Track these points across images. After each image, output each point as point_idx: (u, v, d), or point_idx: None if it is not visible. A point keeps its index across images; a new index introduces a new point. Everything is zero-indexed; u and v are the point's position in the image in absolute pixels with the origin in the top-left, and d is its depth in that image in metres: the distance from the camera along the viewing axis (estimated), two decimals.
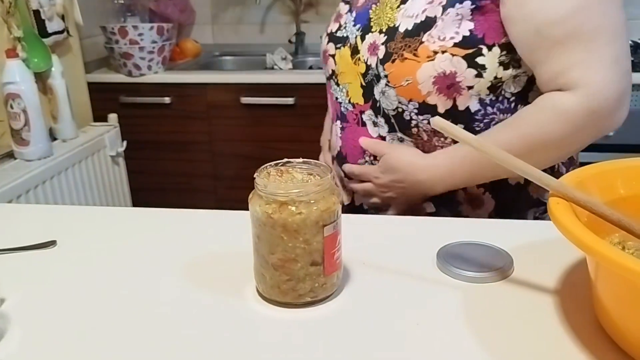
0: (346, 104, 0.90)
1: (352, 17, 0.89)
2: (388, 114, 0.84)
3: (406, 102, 0.81)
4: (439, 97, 0.79)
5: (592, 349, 0.51)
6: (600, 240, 0.45)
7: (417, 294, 0.61)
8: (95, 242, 0.74)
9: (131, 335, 0.55)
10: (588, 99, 0.71)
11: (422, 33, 0.77)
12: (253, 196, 0.58)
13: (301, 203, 0.55)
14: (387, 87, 0.82)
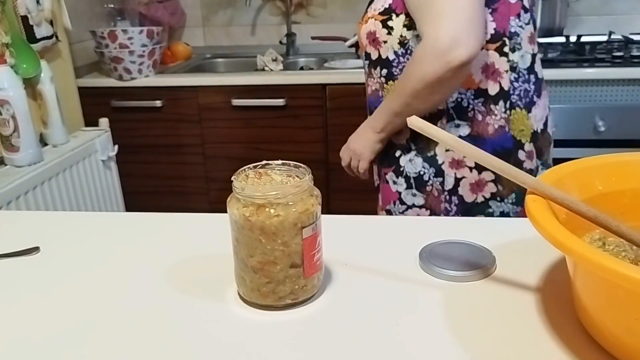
0: None
1: None
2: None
3: (362, 53, 1.15)
4: (370, 48, 1.09)
5: (572, 347, 0.51)
6: (576, 238, 0.45)
7: (399, 294, 0.61)
8: (79, 248, 0.74)
9: (113, 340, 0.55)
10: (431, 43, 0.93)
11: (368, 7, 1.09)
12: (231, 199, 0.58)
13: (279, 205, 0.55)
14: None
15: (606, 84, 1.84)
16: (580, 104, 1.87)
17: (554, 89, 1.86)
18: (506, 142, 1.04)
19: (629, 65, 1.84)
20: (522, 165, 1.06)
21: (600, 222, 0.51)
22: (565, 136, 1.88)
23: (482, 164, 0.54)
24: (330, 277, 0.64)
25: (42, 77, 1.68)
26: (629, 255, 0.55)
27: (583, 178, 0.58)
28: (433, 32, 0.93)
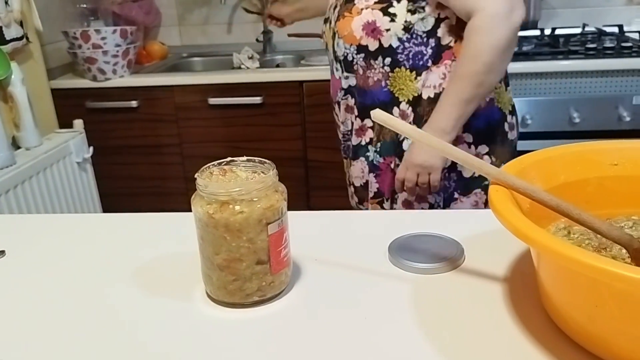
0: None
1: None
2: (340, 59, 1.18)
3: (349, 46, 1.14)
4: (368, 39, 1.10)
5: (538, 336, 0.51)
6: (536, 227, 0.45)
7: (368, 288, 0.60)
8: (46, 251, 0.73)
9: (80, 342, 0.54)
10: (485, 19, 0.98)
11: (347, 2, 1.12)
12: (195, 197, 0.57)
13: (243, 202, 0.54)
14: (338, 39, 1.15)
15: (580, 75, 1.86)
16: (555, 96, 1.88)
17: (530, 81, 1.88)
18: (383, 96, 1.14)
19: (602, 57, 1.86)
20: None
21: (562, 210, 0.51)
22: (541, 128, 1.90)
23: (446, 156, 0.54)
24: (299, 273, 0.64)
25: (13, 79, 1.65)
26: (592, 243, 0.55)
27: (547, 168, 0.59)
28: (491, 2, 0.97)
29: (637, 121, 1.85)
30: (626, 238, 0.51)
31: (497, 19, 0.97)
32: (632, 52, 1.87)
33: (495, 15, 0.97)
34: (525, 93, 1.89)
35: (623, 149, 0.61)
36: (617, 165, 0.60)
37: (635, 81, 1.84)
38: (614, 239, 0.51)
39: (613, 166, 0.60)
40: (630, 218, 0.60)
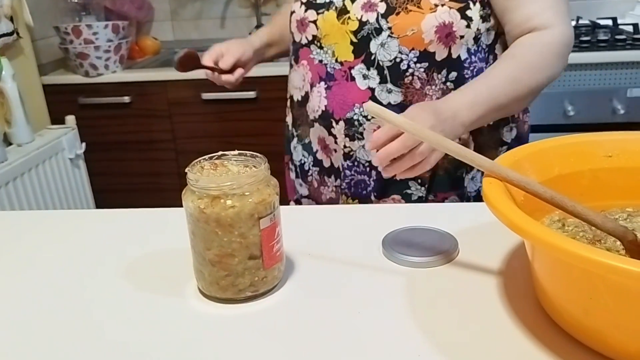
0: (333, 63, 0.95)
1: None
2: (382, 65, 0.91)
3: (407, 51, 0.89)
4: (438, 46, 0.89)
5: (533, 329, 0.51)
6: (530, 219, 0.45)
7: (362, 282, 0.60)
8: (36, 247, 0.72)
9: (71, 338, 0.53)
10: (563, 35, 0.87)
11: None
12: (186, 192, 0.56)
13: (234, 196, 0.54)
14: (389, 38, 0.89)
15: (574, 68, 1.86)
16: (549, 89, 1.87)
17: None
18: None
19: (596, 49, 1.85)
20: None
21: (557, 202, 0.51)
22: (536, 121, 1.89)
23: (439, 148, 0.53)
24: (292, 267, 0.63)
25: (3, 75, 1.63)
26: (587, 235, 0.55)
27: (541, 160, 0.58)
28: (568, 28, 0.87)
29: (631, 114, 1.85)
30: (620, 230, 0.51)
31: (567, 49, 0.87)
32: (625, 44, 1.87)
33: (568, 45, 0.87)
34: None
35: (617, 141, 0.60)
36: (611, 157, 0.60)
37: (629, 74, 1.84)
38: (608, 230, 0.51)
39: (607, 158, 0.60)
40: (624, 210, 0.59)
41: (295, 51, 1.01)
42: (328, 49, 0.95)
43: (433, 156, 0.74)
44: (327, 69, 0.95)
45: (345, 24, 0.92)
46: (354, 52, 0.93)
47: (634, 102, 1.84)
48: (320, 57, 0.96)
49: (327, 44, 0.95)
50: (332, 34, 0.94)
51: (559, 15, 0.86)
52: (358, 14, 0.91)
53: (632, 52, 1.82)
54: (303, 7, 0.98)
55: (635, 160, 0.60)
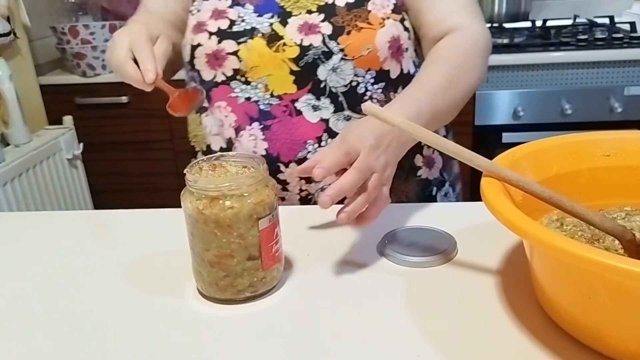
0: (266, 99, 0.82)
1: (246, 9, 0.83)
2: (336, 92, 0.82)
3: (363, 72, 0.82)
4: (391, 63, 0.83)
5: (532, 328, 0.51)
6: (529, 219, 0.45)
7: (361, 282, 0.60)
8: (33, 249, 0.72)
9: (70, 339, 0.53)
10: (481, 35, 0.82)
11: (365, 3, 0.82)
12: (184, 193, 0.56)
13: (233, 197, 0.54)
14: (342, 61, 0.80)
15: (572, 67, 1.86)
16: (547, 88, 1.88)
17: (521, 73, 1.88)
18: None
19: (593, 48, 1.86)
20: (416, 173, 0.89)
21: (555, 202, 0.51)
22: (532, 120, 1.90)
23: (437, 148, 0.53)
24: (291, 268, 0.63)
25: (1, 76, 1.63)
26: (585, 234, 0.55)
27: (539, 159, 0.58)
28: (484, 28, 0.83)
29: (628, 112, 1.85)
30: (619, 229, 0.51)
31: (488, 47, 0.83)
32: (623, 43, 1.87)
33: (488, 43, 0.83)
34: (517, 85, 1.89)
35: (615, 140, 0.61)
36: (609, 156, 0.60)
37: (626, 72, 1.84)
38: (606, 230, 0.51)
39: (605, 157, 0.60)
40: (622, 209, 0.59)
41: (206, 92, 0.86)
42: (258, 83, 0.82)
43: (384, 192, 0.64)
44: (260, 106, 0.82)
45: (280, 52, 0.81)
46: (297, 82, 0.81)
47: (632, 100, 1.85)
48: (248, 95, 0.83)
49: (257, 77, 0.82)
50: (263, 65, 0.81)
51: (473, 15, 0.83)
52: (296, 38, 0.80)
53: (629, 50, 1.83)
54: (214, 38, 0.82)
55: (634, 159, 0.60)
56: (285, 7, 0.82)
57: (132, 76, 0.69)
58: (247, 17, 0.83)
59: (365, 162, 0.61)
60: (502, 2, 2.19)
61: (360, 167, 0.60)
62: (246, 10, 0.83)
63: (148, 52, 0.69)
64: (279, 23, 0.81)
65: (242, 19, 0.83)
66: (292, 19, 0.81)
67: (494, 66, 1.87)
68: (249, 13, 0.83)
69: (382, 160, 0.64)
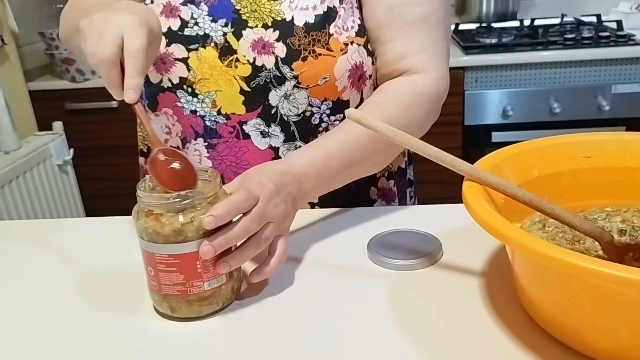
0: (213, 116, 0.76)
1: (201, 10, 0.75)
2: (288, 121, 0.76)
3: (319, 102, 0.75)
4: (351, 92, 0.76)
5: (514, 329, 0.51)
6: (508, 223, 0.46)
7: (346, 286, 0.61)
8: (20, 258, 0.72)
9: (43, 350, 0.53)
10: (437, 84, 0.74)
11: (327, 25, 0.73)
12: (148, 217, 0.54)
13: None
14: (295, 89, 0.74)
15: (560, 66, 1.87)
16: (535, 87, 1.90)
17: (510, 72, 1.89)
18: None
19: (580, 47, 1.87)
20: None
21: (535, 205, 0.52)
22: (521, 119, 1.92)
23: (419, 153, 0.54)
24: (279, 272, 0.63)
25: None
26: (566, 235, 0.56)
27: (521, 162, 0.59)
28: (444, 76, 0.75)
29: (616, 110, 1.87)
30: (597, 231, 0.52)
31: (441, 95, 0.75)
32: (609, 41, 1.89)
33: (443, 89, 0.75)
34: (506, 84, 1.90)
35: (595, 142, 0.62)
36: (589, 157, 0.61)
37: (613, 70, 1.86)
38: (585, 232, 0.52)
39: (586, 159, 0.61)
40: (603, 209, 0.60)
41: (152, 95, 0.79)
42: (205, 98, 0.76)
43: (280, 245, 0.59)
44: (206, 122, 0.77)
45: (232, 67, 0.74)
46: (246, 103, 0.75)
47: (619, 98, 1.87)
48: (193, 107, 0.76)
49: (204, 91, 0.75)
50: (213, 78, 0.75)
51: (437, 59, 0.74)
52: (249, 55, 0.74)
53: (616, 48, 1.84)
54: (163, 39, 0.74)
55: (614, 160, 0.61)
56: (241, 12, 0.74)
57: (114, 84, 0.57)
58: (200, 20, 0.75)
59: (262, 210, 0.56)
60: (490, 2, 2.21)
61: (255, 216, 0.56)
62: (200, 10, 0.75)
63: (139, 65, 0.56)
64: (232, 34, 0.74)
65: (195, 21, 0.75)
66: (247, 31, 0.74)
67: (482, 66, 1.88)
68: (203, 15, 0.75)
69: (281, 208, 0.59)
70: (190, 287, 0.54)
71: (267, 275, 0.59)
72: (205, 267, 0.54)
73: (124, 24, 0.57)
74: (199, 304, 0.55)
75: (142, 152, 0.90)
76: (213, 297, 0.55)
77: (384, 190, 0.86)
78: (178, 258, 0.53)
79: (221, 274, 0.55)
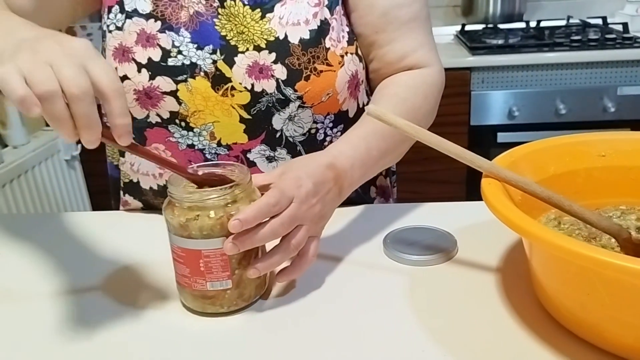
0: (213, 148, 0.74)
1: (182, 37, 0.70)
2: (294, 142, 0.75)
3: (322, 118, 0.75)
4: (349, 102, 0.76)
5: (532, 324, 0.52)
6: (529, 218, 0.46)
7: (363, 281, 0.61)
8: (38, 250, 0.73)
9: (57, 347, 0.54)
10: (440, 75, 0.78)
11: (322, 39, 0.71)
12: (167, 205, 0.55)
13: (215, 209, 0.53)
14: (300, 109, 0.73)
15: (566, 67, 1.88)
16: (541, 88, 1.91)
17: (516, 73, 1.89)
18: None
19: (586, 48, 1.88)
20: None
21: (554, 202, 0.52)
22: (527, 120, 1.92)
23: (438, 149, 0.55)
24: None
25: None
26: (582, 232, 0.57)
27: (537, 160, 0.60)
28: (442, 68, 0.78)
29: (621, 112, 1.88)
30: (615, 228, 0.52)
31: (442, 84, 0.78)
32: (615, 43, 1.89)
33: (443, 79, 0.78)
34: (512, 85, 1.91)
35: (610, 140, 0.62)
36: (604, 156, 0.62)
37: (619, 72, 1.87)
38: (603, 229, 0.53)
39: (601, 157, 0.62)
40: (618, 208, 0.61)
41: (138, 130, 0.73)
42: (202, 130, 0.72)
43: (312, 247, 0.58)
44: (206, 155, 0.74)
45: (228, 97, 0.71)
46: (248, 131, 0.73)
47: (624, 100, 1.87)
48: (190, 141, 0.73)
49: (200, 123, 0.72)
50: (208, 109, 0.71)
51: (433, 52, 0.77)
52: (245, 82, 0.70)
53: (622, 51, 1.85)
54: (145, 73, 0.70)
55: (628, 159, 0.61)
56: (228, 38, 0.70)
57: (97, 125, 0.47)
58: (183, 48, 0.70)
59: (294, 213, 0.55)
60: (496, 3, 2.21)
61: (285, 219, 0.54)
62: (182, 37, 0.70)
63: (124, 101, 0.48)
64: (223, 62, 0.70)
65: (178, 49, 0.70)
66: (240, 57, 0.70)
67: (489, 67, 1.89)
68: (186, 42, 0.70)
69: (316, 210, 0.57)
70: (194, 282, 0.55)
71: (294, 276, 0.59)
72: (208, 268, 0.54)
73: (81, 51, 0.47)
74: (203, 301, 0.56)
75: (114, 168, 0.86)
76: (216, 298, 0.56)
77: (382, 188, 0.88)
78: (184, 252, 0.54)
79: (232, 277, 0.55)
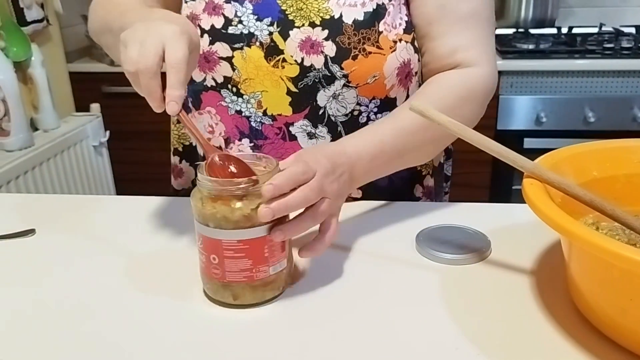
0: (259, 117, 0.76)
1: (245, 8, 0.74)
2: (335, 121, 0.76)
3: (367, 101, 0.75)
4: (398, 89, 0.76)
5: (567, 328, 0.52)
6: (572, 219, 0.46)
7: (396, 277, 0.61)
8: (74, 231, 0.74)
9: (107, 321, 0.55)
10: (487, 79, 0.75)
11: (376, 22, 0.72)
12: (194, 192, 0.55)
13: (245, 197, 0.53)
14: (345, 88, 0.74)
15: (596, 75, 1.86)
16: (570, 95, 1.89)
17: (546, 79, 1.88)
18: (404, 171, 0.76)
19: (618, 57, 1.86)
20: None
21: (596, 205, 0.52)
22: (555, 127, 1.90)
23: (481, 148, 0.55)
24: (326, 262, 0.64)
25: (33, 61, 1.66)
26: (622, 239, 0.56)
27: (578, 163, 0.59)
28: (494, 71, 0.75)
29: None
30: None
31: (492, 93, 0.76)
32: None
33: (494, 88, 0.75)
34: (541, 91, 1.89)
35: None
36: None
37: None
38: None
39: None
40: None
41: (195, 93, 0.79)
42: (250, 98, 0.75)
43: (333, 223, 0.59)
44: (252, 122, 0.76)
45: (279, 68, 0.73)
46: (293, 104, 0.75)
47: None
48: (238, 107, 0.76)
49: (250, 91, 0.75)
50: (259, 78, 0.74)
51: (487, 54, 0.75)
52: (296, 55, 0.73)
53: None
54: (206, 37, 0.74)
55: None
56: (287, 12, 0.73)
57: (155, 95, 0.55)
58: (244, 19, 0.74)
59: (321, 183, 0.56)
60: (528, 8, 2.19)
61: (314, 186, 0.56)
62: (244, 9, 0.74)
63: (181, 76, 0.54)
64: (278, 34, 0.73)
65: (240, 19, 0.74)
66: (295, 31, 0.73)
67: (518, 71, 1.87)
68: (247, 13, 0.74)
69: (335, 186, 0.59)
70: (257, 272, 0.55)
71: (318, 252, 0.58)
72: (272, 252, 0.55)
73: (165, 34, 0.55)
74: (263, 289, 0.56)
75: (176, 151, 0.91)
76: (275, 282, 0.56)
77: (428, 189, 0.87)
78: (247, 243, 0.53)
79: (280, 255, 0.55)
